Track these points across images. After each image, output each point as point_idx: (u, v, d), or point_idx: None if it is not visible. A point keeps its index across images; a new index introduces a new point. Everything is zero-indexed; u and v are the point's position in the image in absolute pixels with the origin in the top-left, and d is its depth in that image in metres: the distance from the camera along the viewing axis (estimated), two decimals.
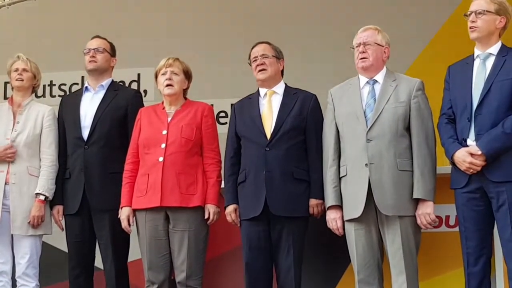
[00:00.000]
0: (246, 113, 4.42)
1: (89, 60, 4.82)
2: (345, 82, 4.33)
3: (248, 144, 4.34)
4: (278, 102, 4.40)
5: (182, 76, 4.52)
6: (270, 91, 4.44)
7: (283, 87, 4.48)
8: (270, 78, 4.43)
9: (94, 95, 4.81)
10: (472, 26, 4.00)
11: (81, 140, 4.66)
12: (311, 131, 4.31)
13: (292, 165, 4.24)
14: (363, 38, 4.19)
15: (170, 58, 4.55)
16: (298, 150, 4.28)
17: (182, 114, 4.47)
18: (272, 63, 4.45)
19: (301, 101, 4.37)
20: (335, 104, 4.24)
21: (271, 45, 4.52)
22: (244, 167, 4.33)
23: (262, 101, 4.43)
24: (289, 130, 4.27)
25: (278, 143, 4.25)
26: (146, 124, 4.49)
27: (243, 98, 4.56)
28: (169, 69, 4.49)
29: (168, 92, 4.47)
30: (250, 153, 4.31)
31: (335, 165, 4.15)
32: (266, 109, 4.39)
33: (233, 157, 4.40)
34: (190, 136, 4.40)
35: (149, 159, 4.38)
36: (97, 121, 4.67)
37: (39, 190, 4.63)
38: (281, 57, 4.52)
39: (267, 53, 4.46)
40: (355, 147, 4.06)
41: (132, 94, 4.94)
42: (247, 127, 4.37)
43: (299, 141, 4.29)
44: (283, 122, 4.30)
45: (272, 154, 4.23)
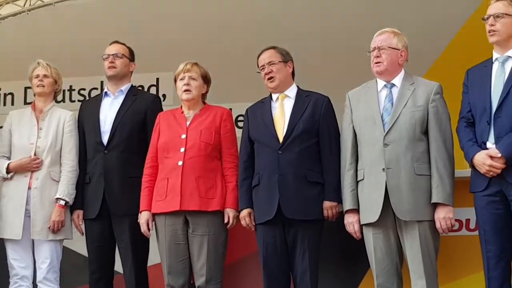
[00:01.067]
0: (259, 117, 4.45)
1: (108, 66, 4.88)
2: (363, 85, 4.35)
3: (261, 148, 4.37)
4: (290, 105, 4.42)
5: (201, 81, 4.56)
6: (282, 95, 4.46)
7: (295, 90, 4.50)
8: (280, 84, 4.45)
9: (114, 100, 4.87)
10: (491, 30, 4.01)
11: (100, 145, 4.71)
12: (324, 133, 4.33)
13: (305, 168, 4.25)
14: (378, 42, 4.21)
15: (188, 63, 4.60)
16: (311, 152, 4.30)
17: (201, 118, 4.52)
18: (280, 69, 4.46)
19: (313, 104, 4.38)
20: (353, 108, 4.26)
21: (277, 50, 4.52)
22: (257, 170, 4.36)
23: (274, 104, 4.46)
24: (302, 133, 4.30)
25: (291, 146, 4.27)
26: (165, 129, 4.54)
27: (256, 102, 4.59)
28: (187, 74, 4.53)
29: (186, 97, 4.52)
30: (263, 157, 4.34)
31: (353, 169, 4.18)
32: (278, 112, 4.41)
33: (247, 161, 4.42)
34: (209, 140, 4.44)
35: (169, 163, 4.42)
36: (117, 126, 4.72)
37: (59, 195, 4.68)
38: (289, 59, 4.52)
39: (274, 60, 4.47)
40: (372, 152, 4.09)
41: (151, 99, 4.99)
42: (259, 131, 4.40)
43: (312, 144, 4.31)
44: (295, 125, 4.32)
45: (284, 157, 4.25)
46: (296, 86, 4.53)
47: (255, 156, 4.40)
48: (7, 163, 4.71)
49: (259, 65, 4.52)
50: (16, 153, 4.76)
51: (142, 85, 6.76)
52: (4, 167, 4.70)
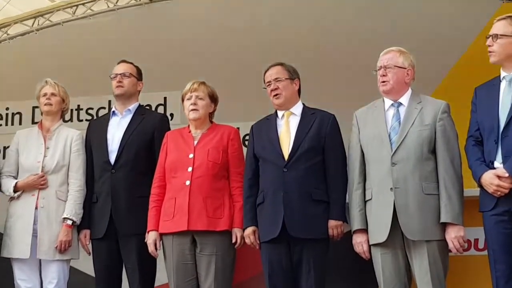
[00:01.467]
0: (264, 134, 4.46)
1: (116, 85, 4.91)
2: (370, 104, 4.36)
3: (266, 165, 4.37)
4: (295, 123, 4.43)
5: (207, 100, 4.59)
6: (288, 112, 4.48)
7: (301, 107, 4.51)
8: (285, 101, 4.46)
9: (121, 119, 4.90)
10: (489, 51, 4.02)
11: (108, 164, 4.73)
12: (330, 151, 4.34)
13: (311, 186, 4.25)
14: (384, 61, 4.24)
15: (195, 82, 4.63)
16: (317, 170, 4.30)
17: (208, 137, 4.54)
18: (286, 86, 4.48)
19: (319, 121, 4.39)
20: (360, 126, 4.27)
21: (284, 66, 4.54)
22: (262, 188, 4.36)
23: (279, 122, 4.47)
24: (307, 150, 4.30)
25: (296, 164, 4.27)
26: (172, 148, 4.56)
27: (261, 119, 4.60)
28: (194, 93, 4.56)
29: (193, 116, 4.55)
30: (268, 174, 4.34)
31: (360, 188, 4.18)
32: (284, 130, 4.42)
33: (251, 178, 4.42)
34: (217, 159, 4.45)
35: (176, 183, 4.44)
36: (124, 145, 4.75)
37: (66, 214, 4.70)
38: (296, 76, 4.54)
39: (280, 77, 4.49)
40: (379, 171, 4.09)
41: (159, 118, 5.01)
42: (265, 148, 4.41)
43: (317, 162, 4.31)
44: (300, 142, 4.32)
45: (290, 175, 4.25)
46: (302, 103, 4.55)
47: (260, 174, 4.41)
48: (14, 182, 4.74)
49: (265, 81, 4.54)
50: (23, 172, 4.78)
51: (150, 104, 6.79)
52: (12, 186, 4.72)
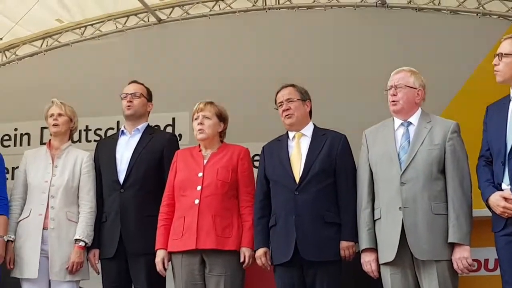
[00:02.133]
0: (275, 156, 4.50)
1: (126, 105, 4.95)
2: (379, 124, 4.40)
3: (278, 188, 4.40)
4: (306, 144, 4.47)
5: (215, 119, 4.63)
6: (299, 134, 4.52)
7: (312, 128, 4.55)
8: (296, 122, 4.51)
9: (130, 138, 4.94)
10: (495, 70, 4.04)
11: (117, 184, 4.77)
12: (341, 172, 4.37)
13: (323, 208, 4.28)
14: (395, 81, 4.27)
15: (202, 102, 4.68)
16: (328, 193, 4.33)
17: (218, 156, 4.58)
18: (297, 107, 4.53)
19: (330, 142, 4.43)
20: (369, 145, 4.30)
21: (296, 88, 4.59)
22: (274, 211, 4.39)
23: (290, 143, 4.51)
24: (318, 173, 4.33)
25: (308, 186, 4.31)
26: (182, 167, 4.60)
27: (272, 140, 4.64)
28: (201, 113, 4.61)
29: (200, 137, 4.60)
30: (279, 197, 4.37)
31: (369, 208, 4.21)
32: (295, 152, 4.46)
33: (263, 200, 4.45)
34: (226, 178, 4.49)
35: (185, 202, 4.47)
36: (133, 164, 4.79)
37: (79, 236, 4.72)
38: (307, 98, 4.59)
39: (292, 97, 4.54)
40: (388, 190, 4.12)
41: (168, 137, 5.06)
42: (276, 170, 4.44)
43: (329, 184, 4.34)
44: (311, 165, 4.36)
45: (301, 198, 4.28)
46: (313, 124, 4.59)
47: (272, 196, 4.44)
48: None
49: (277, 101, 4.59)
50: (32, 190, 4.81)
51: (158, 124, 6.78)
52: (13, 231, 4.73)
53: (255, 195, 4.51)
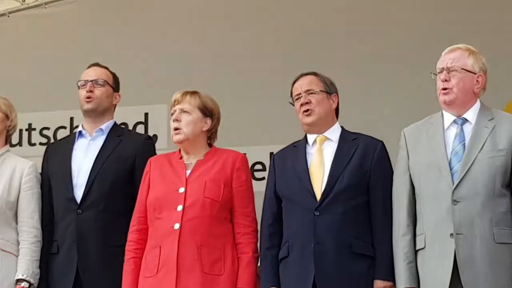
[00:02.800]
0: (290, 167, 4.50)
1: (85, 96, 4.93)
2: (424, 120, 4.39)
3: (292, 208, 4.41)
4: (331, 151, 4.48)
5: (198, 114, 4.59)
6: (321, 137, 4.53)
7: (339, 131, 4.57)
8: (319, 121, 4.51)
9: (91, 142, 4.93)
10: None
11: (73, 203, 4.75)
12: (377, 189, 4.38)
13: (351, 235, 4.29)
14: (448, 61, 4.26)
15: (179, 92, 4.66)
16: (359, 214, 4.34)
17: (205, 166, 4.55)
18: (321, 101, 4.53)
19: (363, 150, 4.44)
20: (410, 150, 4.30)
21: (319, 77, 4.60)
22: (287, 238, 4.39)
23: (310, 150, 4.52)
24: (346, 188, 4.34)
25: (332, 206, 4.31)
26: (157, 179, 4.58)
27: (286, 147, 4.64)
28: (178, 106, 4.60)
29: (175, 139, 4.59)
30: (294, 220, 4.38)
31: (409, 234, 4.21)
32: (316, 161, 4.47)
33: (272, 224, 4.48)
34: (216, 195, 4.47)
35: (161, 227, 4.45)
36: (95, 177, 4.77)
37: (22, 275, 4.68)
38: (334, 91, 4.60)
39: (314, 88, 4.54)
40: (436, 210, 4.11)
41: (141, 141, 5.05)
42: (290, 185, 4.45)
43: (360, 203, 4.35)
44: (337, 178, 4.37)
45: (323, 220, 4.29)
46: (340, 126, 4.60)
47: (284, 218, 4.46)
48: None
49: (293, 93, 4.59)
50: None
51: (126, 122, 6.77)
52: None
53: (263, 217, 4.54)
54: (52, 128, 7.59)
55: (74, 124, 6.72)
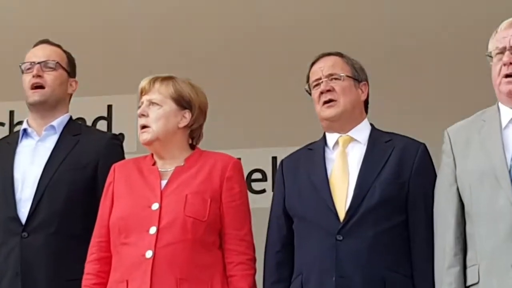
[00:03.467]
0: (304, 176, 4.50)
1: (32, 84, 4.93)
2: (474, 116, 4.41)
3: (307, 230, 4.42)
4: (358, 156, 4.49)
5: (171, 106, 4.59)
6: (345, 138, 4.54)
7: (368, 130, 4.59)
8: (344, 114, 4.52)
9: (39, 143, 4.93)
10: None
11: (16, 223, 4.75)
12: (418, 206, 4.38)
13: (383, 266, 4.30)
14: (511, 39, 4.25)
15: (146, 78, 4.65)
16: (394, 239, 4.35)
17: (186, 174, 4.55)
18: (347, 89, 4.54)
19: (400, 155, 4.45)
20: (457, 156, 4.31)
21: (345, 58, 4.62)
22: (300, 269, 4.40)
23: (330, 154, 4.54)
24: (378, 205, 4.34)
25: (359, 228, 4.32)
26: (123, 192, 4.58)
27: (298, 150, 4.66)
28: (145, 97, 4.60)
29: (141, 139, 4.58)
30: (310, 246, 4.39)
31: (458, 265, 4.21)
32: (338, 169, 4.48)
33: (281, 251, 4.50)
34: (201, 213, 4.46)
35: (129, 255, 4.44)
36: (44, 190, 4.77)
37: None
38: (363, 78, 4.62)
39: (338, 72, 4.55)
40: (494, 234, 4.10)
41: (105, 141, 5.05)
42: (304, 200, 4.45)
43: (395, 225, 4.36)
44: (367, 191, 4.37)
45: (348, 247, 4.29)
46: (370, 124, 4.63)
47: (296, 244, 4.47)
48: None
49: (311, 78, 4.61)
50: None
51: (83, 117, 6.79)
52: None
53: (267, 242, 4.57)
54: None
55: (14, 120, 6.72)
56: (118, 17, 7.52)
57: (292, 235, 4.48)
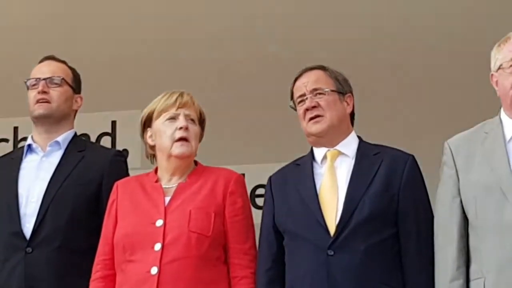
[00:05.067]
0: (292, 191, 4.49)
1: (37, 99, 4.93)
2: (474, 128, 4.41)
3: (298, 246, 4.40)
4: (347, 170, 4.47)
5: (198, 125, 4.64)
6: (333, 152, 4.52)
7: (356, 143, 4.57)
8: (330, 129, 4.50)
9: (44, 159, 4.94)
10: None
11: (20, 239, 4.74)
12: (409, 218, 4.37)
13: (376, 280, 4.29)
14: None
15: (176, 92, 4.65)
16: (386, 253, 4.33)
17: (190, 190, 4.56)
18: (332, 103, 4.52)
19: (388, 167, 4.43)
20: (460, 168, 4.30)
21: (329, 72, 4.60)
22: (291, 285, 4.39)
23: (319, 169, 4.52)
24: (368, 218, 4.32)
25: (350, 242, 4.30)
26: (127, 209, 4.59)
27: (285, 166, 4.65)
28: (183, 111, 4.59)
29: (180, 151, 4.54)
30: (301, 261, 4.37)
31: (461, 278, 4.20)
32: (327, 183, 4.46)
33: (272, 268, 4.46)
34: (205, 229, 4.47)
35: (134, 272, 4.45)
36: (49, 205, 4.77)
37: None
38: (348, 90, 4.60)
39: (322, 87, 4.53)
40: (500, 247, 4.09)
41: (110, 157, 5.05)
42: (294, 215, 4.43)
43: (387, 238, 4.34)
44: (357, 205, 4.35)
45: (339, 261, 4.27)
46: (357, 136, 4.60)
47: (287, 260, 4.44)
48: None
49: (295, 94, 4.59)
50: None
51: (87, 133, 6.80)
52: None
53: (259, 259, 4.51)
54: None
55: (18, 135, 6.71)
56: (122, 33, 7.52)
57: (282, 252, 4.45)
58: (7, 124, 7.33)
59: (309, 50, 6.79)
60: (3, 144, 7.43)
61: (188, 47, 7.37)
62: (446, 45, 6.90)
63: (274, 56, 6.87)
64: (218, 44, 7.38)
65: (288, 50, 6.84)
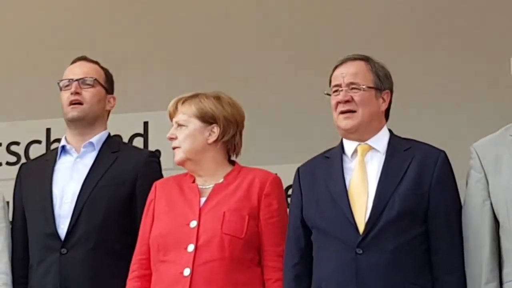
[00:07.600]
0: (321, 186, 4.46)
1: (70, 101, 4.97)
2: (499, 132, 4.39)
3: (326, 242, 4.38)
4: (377, 166, 4.44)
5: (196, 124, 4.64)
6: (363, 146, 4.48)
7: (387, 137, 4.52)
8: (360, 126, 4.45)
9: (78, 160, 4.97)
10: None
11: (55, 240, 4.78)
12: (439, 216, 4.34)
13: (405, 279, 4.26)
14: None
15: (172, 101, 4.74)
16: (415, 251, 4.30)
17: (226, 191, 4.58)
18: (366, 100, 4.45)
19: (419, 163, 4.38)
20: (488, 172, 4.29)
21: (370, 65, 4.51)
22: (318, 283, 4.36)
23: (348, 163, 4.48)
24: (399, 216, 4.29)
25: (380, 240, 4.28)
26: (163, 210, 4.61)
27: (314, 158, 4.62)
28: (174, 120, 4.67)
29: (174, 160, 4.65)
30: (329, 259, 4.35)
31: (495, 281, 4.20)
32: (357, 179, 4.43)
33: (299, 263, 4.44)
34: (239, 231, 4.49)
35: (167, 272, 4.47)
36: (83, 206, 4.81)
37: None
38: (387, 86, 4.52)
39: (359, 82, 4.45)
40: None
41: (144, 158, 5.10)
42: (323, 210, 4.41)
43: (415, 236, 4.31)
44: (387, 202, 4.32)
45: (368, 260, 4.25)
46: (388, 130, 4.56)
47: (315, 255, 4.43)
48: None
49: (332, 82, 4.53)
50: None
51: (119, 134, 6.80)
52: None
53: (285, 254, 4.50)
54: (23, 143, 7.65)
55: (51, 137, 6.75)
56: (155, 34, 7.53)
57: (310, 246, 4.42)
58: (39, 125, 7.30)
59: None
60: (35, 145, 7.43)
61: (223, 49, 7.39)
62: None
63: (310, 64, 6.87)
64: (254, 46, 7.43)
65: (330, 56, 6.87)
